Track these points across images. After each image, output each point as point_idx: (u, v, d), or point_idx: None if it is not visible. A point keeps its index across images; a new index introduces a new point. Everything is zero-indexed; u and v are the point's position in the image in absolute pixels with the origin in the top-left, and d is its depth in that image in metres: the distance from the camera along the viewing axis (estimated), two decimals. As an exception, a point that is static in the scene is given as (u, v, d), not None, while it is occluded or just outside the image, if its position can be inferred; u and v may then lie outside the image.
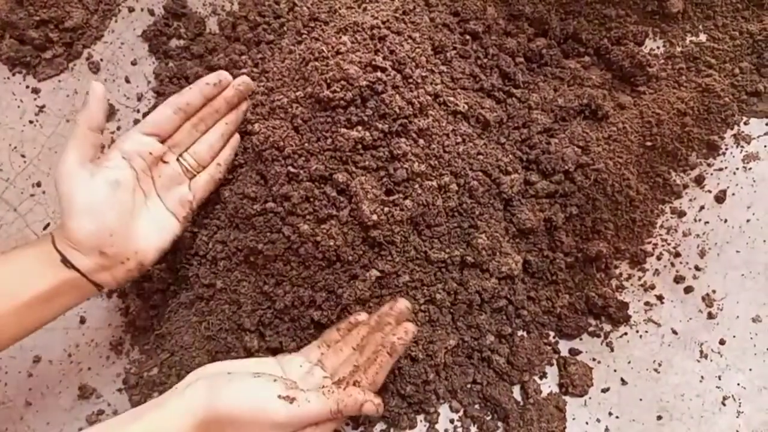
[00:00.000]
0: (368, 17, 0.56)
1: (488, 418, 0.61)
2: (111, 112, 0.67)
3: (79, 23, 0.67)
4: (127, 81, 0.68)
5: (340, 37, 0.54)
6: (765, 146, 0.65)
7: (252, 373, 0.47)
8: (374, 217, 0.53)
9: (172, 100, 0.54)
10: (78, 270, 0.49)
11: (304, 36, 0.59)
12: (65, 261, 0.48)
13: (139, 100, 0.68)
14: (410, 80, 0.55)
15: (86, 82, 0.68)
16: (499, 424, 0.61)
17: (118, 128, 0.67)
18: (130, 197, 0.51)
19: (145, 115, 0.68)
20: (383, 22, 0.55)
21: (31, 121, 0.67)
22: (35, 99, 0.67)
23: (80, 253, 0.49)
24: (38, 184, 0.66)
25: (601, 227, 0.62)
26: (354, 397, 0.47)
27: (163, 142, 0.54)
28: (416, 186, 0.55)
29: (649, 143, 0.62)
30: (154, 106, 0.67)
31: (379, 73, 0.53)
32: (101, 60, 0.68)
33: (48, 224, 0.66)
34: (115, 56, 0.69)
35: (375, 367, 0.50)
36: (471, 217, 0.59)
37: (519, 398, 0.62)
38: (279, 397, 0.45)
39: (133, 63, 0.68)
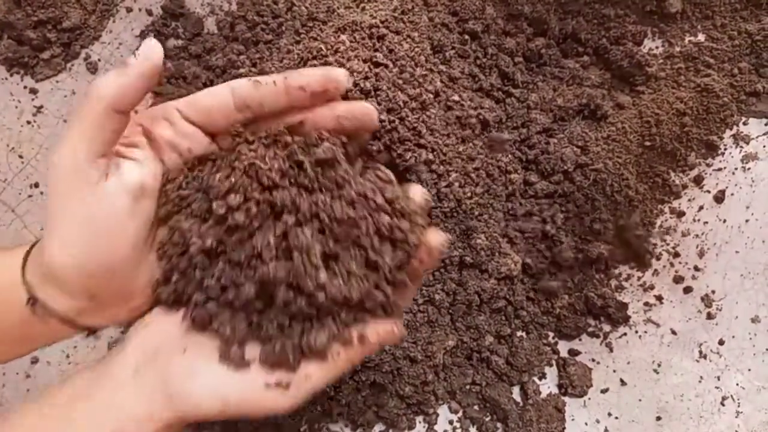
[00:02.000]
0: (367, 17, 0.56)
1: (487, 419, 0.61)
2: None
3: (77, 24, 0.67)
4: (125, 81, 0.68)
5: (339, 36, 0.54)
6: (764, 146, 0.65)
7: (216, 358, 0.34)
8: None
9: None
10: (54, 313, 0.33)
11: (302, 35, 0.59)
12: (33, 301, 0.33)
13: (137, 100, 0.68)
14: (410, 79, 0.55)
15: (84, 82, 0.68)
16: (499, 425, 0.61)
17: (116, 128, 0.67)
18: (153, 205, 0.34)
19: (143, 115, 0.67)
20: (382, 22, 0.55)
21: (28, 122, 0.67)
22: (33, 99, 0.67)
23: (60, 290, 0.33)
24: (36, 185, 0.66)
25: (600, 227, 0.62)
26: (369, 347, 0.35)
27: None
28: (415, 186, 0.55)
29: (648, 143, 0.62)
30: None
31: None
32: (99, 60, 0.68)
33: (45, 225, 0.65)
34: (114, 56, 0.68)
35: None
36: (470, 217, 0.58)
37: (518, 399, 0.61)
38: (267, 386, 0.33)
39: (131, 63, 0.68)
